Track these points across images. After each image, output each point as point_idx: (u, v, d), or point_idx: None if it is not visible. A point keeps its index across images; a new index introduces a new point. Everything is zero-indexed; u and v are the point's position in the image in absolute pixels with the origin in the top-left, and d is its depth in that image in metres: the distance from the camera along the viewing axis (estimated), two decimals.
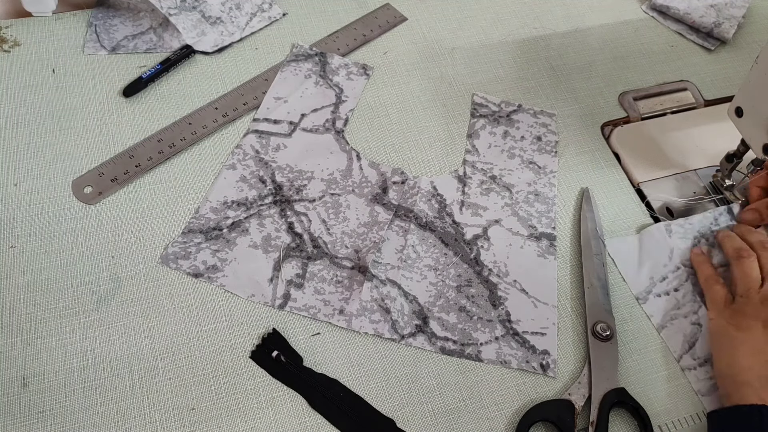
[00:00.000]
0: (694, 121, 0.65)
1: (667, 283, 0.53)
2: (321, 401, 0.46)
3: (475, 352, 0.49)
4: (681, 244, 0.55)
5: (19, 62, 0.61)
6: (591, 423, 0.46)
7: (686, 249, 0.54)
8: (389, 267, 0.52)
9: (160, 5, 0.63)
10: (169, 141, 0.57)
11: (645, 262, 0.54)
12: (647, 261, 0.54)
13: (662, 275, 0.53)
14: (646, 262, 0.54)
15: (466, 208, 0.56)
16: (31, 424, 0.44)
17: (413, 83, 0.65)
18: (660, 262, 0.54)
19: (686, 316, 0.52)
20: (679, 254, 0.54)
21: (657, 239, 0.55)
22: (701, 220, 0.56)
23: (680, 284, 0.53)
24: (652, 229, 0.55)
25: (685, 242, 0.55)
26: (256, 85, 0.62)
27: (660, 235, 0.55)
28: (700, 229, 0.55)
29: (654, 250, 0.54)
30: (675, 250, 0.54)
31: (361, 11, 0.70)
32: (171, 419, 0.45)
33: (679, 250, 0.54)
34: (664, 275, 0.53)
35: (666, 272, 0.53)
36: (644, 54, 0.71)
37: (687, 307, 0.52)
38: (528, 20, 0.72)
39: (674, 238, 0.55)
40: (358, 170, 0.58)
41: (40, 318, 0.47)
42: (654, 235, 0.55)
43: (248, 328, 0.49)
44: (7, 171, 0.54)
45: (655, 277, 0.53)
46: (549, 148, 0.61)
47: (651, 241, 0.55)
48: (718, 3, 0.74)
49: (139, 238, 0.52)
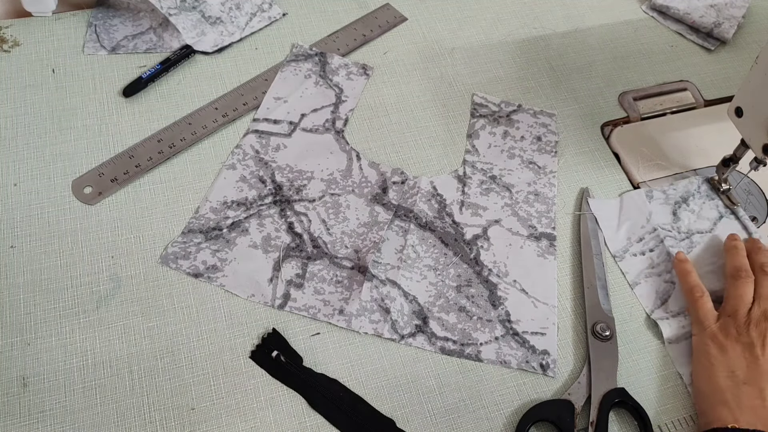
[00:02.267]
0: (694, 121, 0.65)
1: (643, 243, 0.55)
2: (321, 401, 0.46)
3: (475, 352, 0.49)
4: (660, 209, 0.57)
5: (19, 62, 0.61)
6: (591, 423, 0.46)
7: (664, 214, 0.57)
8: (389, 267, 0.52)
9: (160, 5, 0.63)
10: (168, 141, 0.57)
11: (624, 223, 0.57)
12: (626, 222, 0.57)
13: (639, 236, 0.56)
14: (625, 223, 0.57)
15: (466, 208, 0.56)
16: (31, 424, 0.44)
17: (413, 83, 0.65)
18: (638, 224, 0.56)
19: (660, 275, 0.54)
20: (657, 218, 0.57)
21: (637, 203, 0.58)
22: (683, 186, 0.58)
23: (656, 245, 0.55)
24: (633, 194, 0.58)
25: (664, 208, 0.57)
26: (256, 86, 0.62)
27: (640, 199, 0.58)
28: (682, 195, 0.58)
29: (633, 213, 0.57)
30: (653, 214, 0.57)
31: (361, 11, 0.70)
32: (171, 419, 0.45)
33: (657, 215, 0.57)
34: (641, 236, 0.56)
35: (643, 234, 0.56)
36: (644, 54, 0.71)
37: (661, 266, 0.54)
38: (528, 20, 0.72)
39: (654, 203, 0.57)
40: (358, 170, 0.58)
41: (40, 318, 0.47)
42: (634, 199, 0.58)
43: (248, 328, 0.49)
44: (7, 171, 0.54)
45: (632, 238, 0.56)
46: (549, 148, 0.61)
47: (631, 204, 0.58)
48: (718, 3, 0.74)
49: (138, 238, 0.52)
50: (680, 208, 0.57)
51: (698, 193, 0.58)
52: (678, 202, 0.58)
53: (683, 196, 0.58)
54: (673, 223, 0.57)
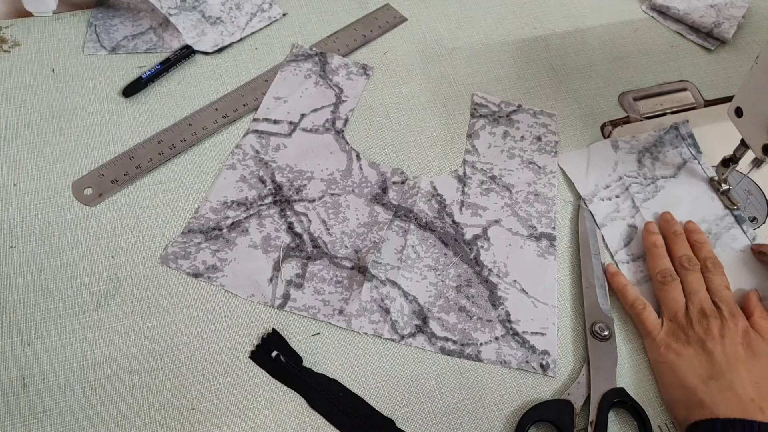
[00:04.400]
0: (694, 121, 0.65)
1: (609, 190, 0.59)
2: (321, 401, 0.46)
3: (475, 352, 0.49)
4: (625, 157, 0.61)
5: (19, 62, 0.61)
6: (590, 423, 0.46)
7: (630, 162, 0.61)
8: (389, 267, 0.52)
9: (160, 5, 0.63)
10: (169, 142, 0.57)
11: (592, 171, 0.60)
12: (594, 171, 0.60)
13: (606, 183, 0.59)
14: (593, 172, 0.60)
15: (465, 208, 0.56)
16: (31, 424, 0.44)
17: (413, 83, 0.65)
18: (605, 172, 0.60)
19: (624, 218, 0.57)
20: (623, 167, 0.60)
21: (603, 152, 0.61)
22: (647, 138, 0.62)
23: (621, 192, 0.59)
24: (599, 144, 0.62)
25: (629, 156, 0.61)
26: (256, 86, 0.62)
27: (606, 149, 0.61)
28: (645, 145, 0.62)
29: (600, 162, 0.60)
30: (619, 163, 0.60)
31: (361, 11, 0.70)
32: (171, 419, 0.45)
33: (623, 164, 0.60)
34: (607, 183, 0.59)
35: (609, 181, 0.59)
36: (644, 54, 0.71)
37: (625, 211, 0.58)
38: (528, 20, 0.72)
39: (620, 153, 0.61)
40: (357, 170, 0.58)
41: (40, 318, 0.48)
42: (600, 149, 0.61)
43: (248, 328, 0.49)
44: (7, 171, 0.54)
45: (599, 185, 0.59)
46: (549, 148, 0.61)
47: (598, 153, 0.61)
48: (718, 3, 0.74)
49: (138, 238, 0.52)
50: (644, 156, 0.61)
51: (661, 142, 0.62)
52: (642, 151, 0.61)
53: (646, 146, 0.62)
54: (638, 169, 0.60)
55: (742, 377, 0.46)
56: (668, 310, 0.50)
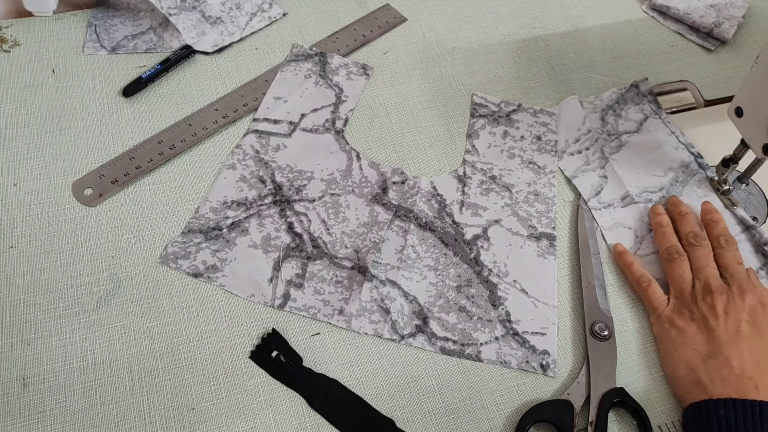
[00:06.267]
0: (694, 121, 0.65)
1: (579, 144, 0.61)
2: (321, 401, 0.46)
3: (475, 352, 0.49)
4: (590, 116, 0.64)
5: (19, 62, 0.61)
6: (590, 423, 0.46)
7: (593, 120, 0.63)
8: (389, 267, 0.52)
9: (160, 5, 0.63)
10: (169, 143, 0.57)
11: (561, 128, 0.63)
12: (563, 127, 0.63)
13: (575, 138, 0.62)
14: (562, 128, 0.63)
15: (465, 208, 0.56)
16: (31, 424, 0.44)
17: (413, 83, 0.65)
18: (574, 127, 0.63)
19: (594, 170, 0.60)
20: (590, 120, 0.63)
21: (572, 108, 0.64)
22: (609, 95, 0.65)
23: (590, 145, 0.61)
24: (569, 100, 0.65)
25: (592, 115, 0.64)
26: (257, 87, 0.62)
27: (574, 105, 0.64)
28: (608, 103, 0.64)
29: (569, 118, 0.63)
30: (587, 117, 0.63)
31: (361, 12, 0.70)
32: (171, 419, 0.45)
33: (589, 118, 0.63)
34: (577, 138, 0.62)
35: (579, 135, 0.62)
36: (644, 54, 0.71)
37: (595, 163, 0.60)
38: (528, 20, 0.72)
39: (586, 111, 0.64)
40: (357, 170, 0.58)
41: (40, 318, 0.48)
42: (570, 105, 0.64)
43: (248, 328, 0.49)
44: (7, 171, 0.54)
45: (569, 140, 0.62)
46: (549, 148, 0.61)
47: (567, 110, 0.64)
48: (718, 3, 0.74)
49: (138, 239, 0.52)
50: (607, 114, 0.64)
51: (623, 99, 0.65)
52: (605, 110, 0.64)
53: (609, 104, 0.64)
54: (602, 127, 0.63)
55: (742, 354, 0.45)
56: (675, 287, 0.50)
